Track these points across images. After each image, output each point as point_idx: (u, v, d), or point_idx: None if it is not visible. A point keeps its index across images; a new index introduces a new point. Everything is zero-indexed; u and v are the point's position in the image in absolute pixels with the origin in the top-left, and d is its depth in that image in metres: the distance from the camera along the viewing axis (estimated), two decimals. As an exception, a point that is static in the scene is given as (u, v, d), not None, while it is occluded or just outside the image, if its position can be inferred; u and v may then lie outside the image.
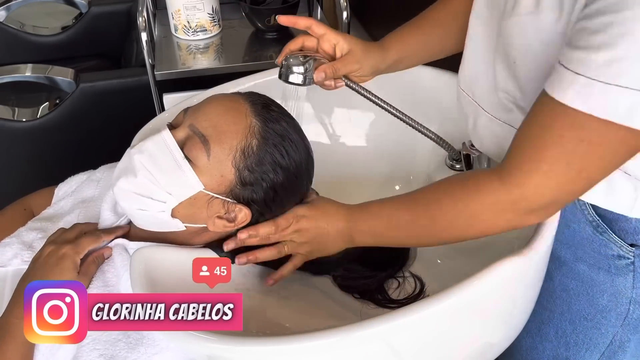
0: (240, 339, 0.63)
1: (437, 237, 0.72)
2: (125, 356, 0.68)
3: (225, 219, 0.75)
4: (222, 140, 0.72)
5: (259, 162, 0.73)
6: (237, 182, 0.73)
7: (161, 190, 0.72)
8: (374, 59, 0.84)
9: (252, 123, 0.73)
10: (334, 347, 0.62)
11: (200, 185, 0.72)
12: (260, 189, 0.74)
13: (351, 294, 0.86)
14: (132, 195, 0.73)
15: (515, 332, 0.80)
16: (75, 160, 1.24)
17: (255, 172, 0.73)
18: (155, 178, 0.72)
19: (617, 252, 0.74)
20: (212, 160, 0.71)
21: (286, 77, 0.80)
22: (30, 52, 1.88)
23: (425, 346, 0.69)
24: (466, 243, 0.88)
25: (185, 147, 0.72)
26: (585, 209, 0.74)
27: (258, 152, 0.73)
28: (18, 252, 0.83)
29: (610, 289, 0.77)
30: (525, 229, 0.78)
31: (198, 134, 0.72)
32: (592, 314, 0.80)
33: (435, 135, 0.88)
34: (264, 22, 1.47)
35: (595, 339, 0.82)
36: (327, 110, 1.06)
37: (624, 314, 0.78)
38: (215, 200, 0.73)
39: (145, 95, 1.41)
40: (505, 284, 0.68)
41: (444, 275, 0.89)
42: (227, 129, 0.72)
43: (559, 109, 0.56)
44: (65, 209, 0.92)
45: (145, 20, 1.32)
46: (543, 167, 0.59)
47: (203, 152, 0.71)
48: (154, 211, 0.73)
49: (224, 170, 0.72)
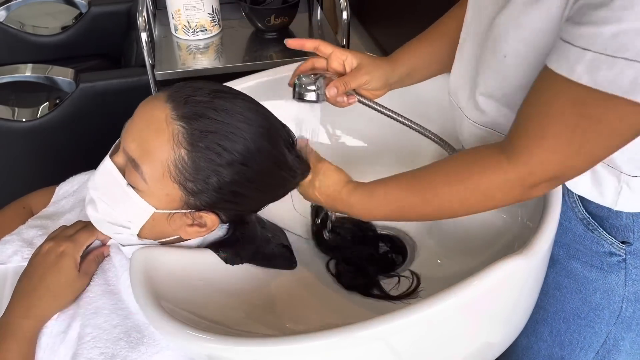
0: (240, 339, 0.63)
1: (443, 216, 0.74)
2: (126, 355, 0.68)
3: (196, 226, 0.73)
4: (151, 159, 0.67)
5: (196, 169, 0.67)
6: (186, 194, 0.69)
7: (122, 218, 0.72)
8: (383, 70, 0.85)
9: (175, 130, 0.66)
10: (334, 347, 0.62)
11: (151, 208, 0.70)
12: (212, 193, 0.69)
13: (352, 290, 0.86)
14: (103, 222, 0.74)
15: (515, 333, 0.80)
16: (75, 160, 1.24)
17: (198, 180, 0.68)
18: (113, 209, 0.72)
19: (608, 249, 0.74)
20: (150, 182, 0.68)
21: (300, 96, 0.81)
22: (30, 52, 1.88)
23: (425, 346, 0.69)
24: (466, 243, 0.89)
25: (126, 173, 0.70)
26: (575, 207, 0.74)
27: (190, 160, 0.67)
28: (18, 249, 0.83)
29: (603, 286, 0.77)
30: (526, 229, 0.79)
31: (129, 158, 0.68)
32: (586, 312, 0.80)
33: (437, 137, 0.88)
34: (264, 22, 1.47)
35: (589, 338, 0.82)
36: (327, 111, 1.05)
37: (617, 311, 0.78)
38: (175, 214, 0.72)
39: (145, 95, 1.40)
40: (505, 284, 0.68)
41: (444, 275, 0.89)
42: (152, 145, 0.67)
43: (562, 86, 0.57)
44: (66, 208, 0.92)
45: (145, 20, 1.32)
46: (546, 143, 0.60)
47: (138, 177, 0.68)
48: (126, 234, 0.74)
49: (167, 188, 0.68)
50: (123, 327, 0.70)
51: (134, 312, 0.72)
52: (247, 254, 0.81)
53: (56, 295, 0.72)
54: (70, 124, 1.55)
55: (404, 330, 0.64)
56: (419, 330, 0.65)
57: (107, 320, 0.71)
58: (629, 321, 0.79)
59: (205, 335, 0.61)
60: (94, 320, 0.71)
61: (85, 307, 0.73)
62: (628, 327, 0.79)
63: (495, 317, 0.74)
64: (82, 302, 0.74)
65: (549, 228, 0.69)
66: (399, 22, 2.57)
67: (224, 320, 0.73)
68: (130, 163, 0.69)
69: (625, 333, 0.80)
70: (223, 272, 0.80)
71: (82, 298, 0.74)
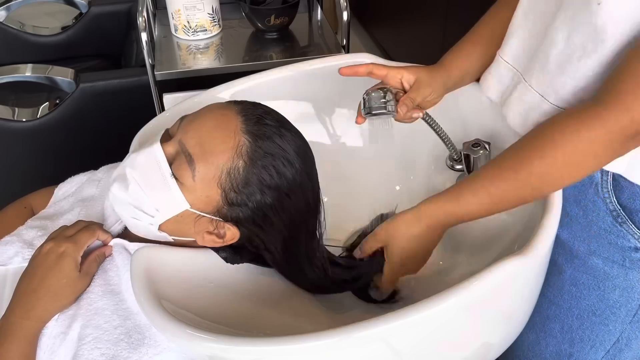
0: (241, 339, 0.63)
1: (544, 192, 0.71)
2: (127, 356, 0.68)
3: (214, 235, 0.74)
4: (208, 160, 0.70)
5: (245, 183, 0.70)
6: (224, 203, 0.71)
7: (150, 205, 0.72)
8: (441, 78, 0.87)
9: (241, 142, 0.70)
10: (334, 348, 0.62)
11: (186, 204, 0.71)
12: (247, 210, 0.72)
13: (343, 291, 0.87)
14: (125, 203, 0.73)
15: (515, 333, 0.80)
16: (75, 160, 1.24)
17: (242, 193, 0.71)
18: (145, 193, 0.71)
19: (634, 244, 0.74)
20: (198, 180, 0.70)
21: (370, 110, 0.84)
22: (30, 52, 1.88)
23: (425, 347, 0.69)
24: (466, 243, 0.89)
25: (173, 164, 0.71)
26: (608, 197, 0.74)
27: (244, 173, 0.70)
28: (19, 250, 0.83)
29: (623, 283, 0.77)
30: (526, 229, 0.78)
31: (185, 152, 0.70)
32: (602, 310, 0.80)
33: (444, 135, 0.89)
34: (264, 22, 1.47)
35: (601, 336, 0.81)
36: (327, 111, 1.06)
37: (634, 310, 0.78)
38: (203, 218, 0.73)
39: (145, 95, 1.41)
40: (506, 284, 0.68)
41: (444, 275, 0.89)
42: (214, 148, 0.70)
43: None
44: (66, 208, 0.92)
45: (145, 20, 1.32)
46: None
47: (189, 172, 0.70)
48: (145, 222, 0.73)
49: (210, 191, 0.70)
50: (124, 327, 0.70)
51: (135, 312, 0.71)
52: (247, 254, 0.82)
53: (57, 296, 0.72)
54: (70, 124, 1.55)
55: (404, 331, 0.64)
56: (419, 330, 0.65)
57: (107, 321, 0.71)
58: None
59: (206, 335, 0.61)
60: (94, 321, 0.71)
61: (86, 307, 0.73)
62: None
63: (495, 318, 0.74)
64: (82, 302, 0.74)
65: (549, 228, 0.70)
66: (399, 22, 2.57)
67: (225, 320, 0.73)
68: (185, 157, 0.70)
69: (639, 332, 0.80)
70: (224, 272, 0.80)
71: (82, 299, 0.74)
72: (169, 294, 0.70)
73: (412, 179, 1.04)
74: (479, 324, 0.72)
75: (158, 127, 0.89)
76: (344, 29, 1.44)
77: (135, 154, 0.73)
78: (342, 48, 1.45)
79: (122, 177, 0.73)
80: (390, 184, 1.05)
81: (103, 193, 0.91)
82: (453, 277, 0.86)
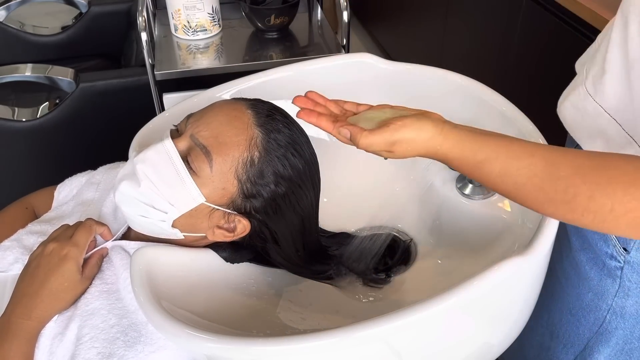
0: (241, 339, 0.63)
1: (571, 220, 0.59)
2: (123, 354, 0.68)
3: (225, 229, 0.75)
4: (224, 152, 0.71)
5: (260, 174, 0.72)
6: (239, 194, 0.72)
7: (163, 201, 0.71)
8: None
9: (255, 134, 0.72)
10: (334, 348, 0.62)
11: (202, 197, 0.71)
12: (262, 200, 0.73)
13: None
14: (134, 201, 0.73)
15: (515, 333, 0.80)
16: (75, 160, 1.24)
17: (257, 184, 0.72)
18: (158, 189, 0.71)
19: (611, 252, 0.74)
20: (215, 172, 0.71)
21: None
22: (30, 52, 1.88)
23: (425, 346, 0.69)
24: (467, 243, 0.88)
25: (188, 158, 0.71)
26: None
27: (260, 164, 0.72)
28: (19, 257, 0.82)
29: (597, 287, 0.76)
30: (526, 229, 0.78)
31: (200, 145, 0.71)
32: (576, 310, 0.79)
33: None
34: (264, 22, 1.47)
35: (573, 338, 0.80)
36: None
37: (600, 321, 0.77)
38: (217, 211, 0.73)
39: (145, 95, 1.41)
40: (506, 284, 0.68)
41: (444, 275, 0.89)
42: (229, 140, 0.71)
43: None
44: (67, 212, 0.92)
45: (145, 20, 1.32)
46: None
47: (206, 163, 0.70)
48: (155, 219, 0.73)
49: (226, 182, 0.71)
50: (120, 326, 0.70)
51: (132, 310, 0.71)
52: (247, 253, 0.82)
53: (58, 298, 0.72)
54: (70, 124, 1.55)
55: (404, 331, 0.64)
56: (419, 330, 0.65)
57: (104, 321, 0.71)
58: (609, 336, 0.77)
59: (205, 335, 0.61)
60: (91, 321, 0.71)
61: (83, 308, 0.73)
62: (607, 341, 0.78)
63: (495, 318, 0.74)
64: (79, 303, 0.74)
65: (549, 228, 0.69)
66: (399, 22, 2.57)
67: (224, 320, 0.73)
68: (200, 149, 0.71)
69: (602, 347, 0.78)
70: (223, 271, 0.80)
71: (79, 299, 0.74)
72: (168, 294, 0.70)
73: (412, 179, 1.04)
74: (479, 324, 0.72)
75: (158, 127, 0.89)
76: (344, 28, 1.44)
77: (145, 150, 0.73)
78: (342, 48, 1.45)
79: (132, 174, 0.73)
80: (390, 184, 1.05)
81: (102, 197, 0.91)
82: (453, 277, 0.86)
